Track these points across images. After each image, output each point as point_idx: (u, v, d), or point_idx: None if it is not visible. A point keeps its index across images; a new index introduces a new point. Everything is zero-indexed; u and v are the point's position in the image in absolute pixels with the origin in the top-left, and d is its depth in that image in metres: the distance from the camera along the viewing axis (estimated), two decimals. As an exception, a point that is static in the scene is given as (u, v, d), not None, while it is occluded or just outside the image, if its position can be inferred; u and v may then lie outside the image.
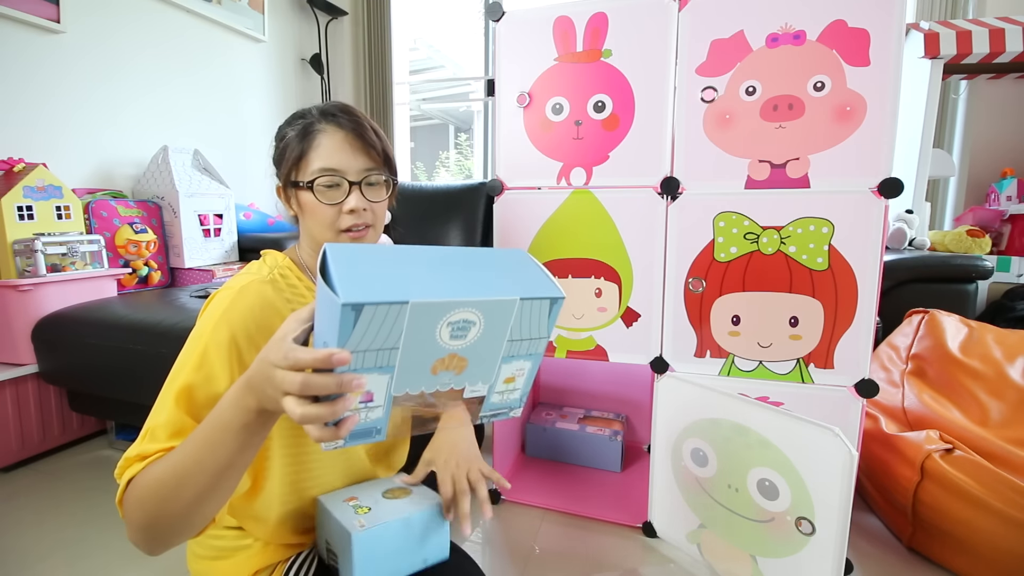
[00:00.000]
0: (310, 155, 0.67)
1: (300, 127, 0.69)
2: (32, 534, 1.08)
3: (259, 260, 0.70)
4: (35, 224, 1.42)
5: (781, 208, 0.89)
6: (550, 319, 0.48)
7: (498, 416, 0.52)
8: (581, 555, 1.02)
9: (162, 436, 0.53)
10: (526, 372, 0.50)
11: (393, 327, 0.41)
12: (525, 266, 0.52)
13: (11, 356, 1.36)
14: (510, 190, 1.08)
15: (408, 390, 0.45)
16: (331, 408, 0.40)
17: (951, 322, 1.26)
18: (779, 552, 0.82)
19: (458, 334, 0.45)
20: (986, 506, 0.86)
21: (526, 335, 0.48)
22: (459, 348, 0.45)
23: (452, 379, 0.47)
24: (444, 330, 0.44)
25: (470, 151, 6.82)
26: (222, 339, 0.57)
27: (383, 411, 0.45)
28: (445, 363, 0.46)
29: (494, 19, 1.03)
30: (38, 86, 1.62)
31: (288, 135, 0.70)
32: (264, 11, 2.45)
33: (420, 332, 0.43)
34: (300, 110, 0.72)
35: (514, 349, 0.48)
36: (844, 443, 0.71)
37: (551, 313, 0.48)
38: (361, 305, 0.39)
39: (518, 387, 0.51)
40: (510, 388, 0.51)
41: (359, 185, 0.67)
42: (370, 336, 0.41)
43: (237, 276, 0.66)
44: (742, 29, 0.88)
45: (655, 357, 1.01)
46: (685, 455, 0.97)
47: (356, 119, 0.69)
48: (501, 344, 0.47)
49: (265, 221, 2.27)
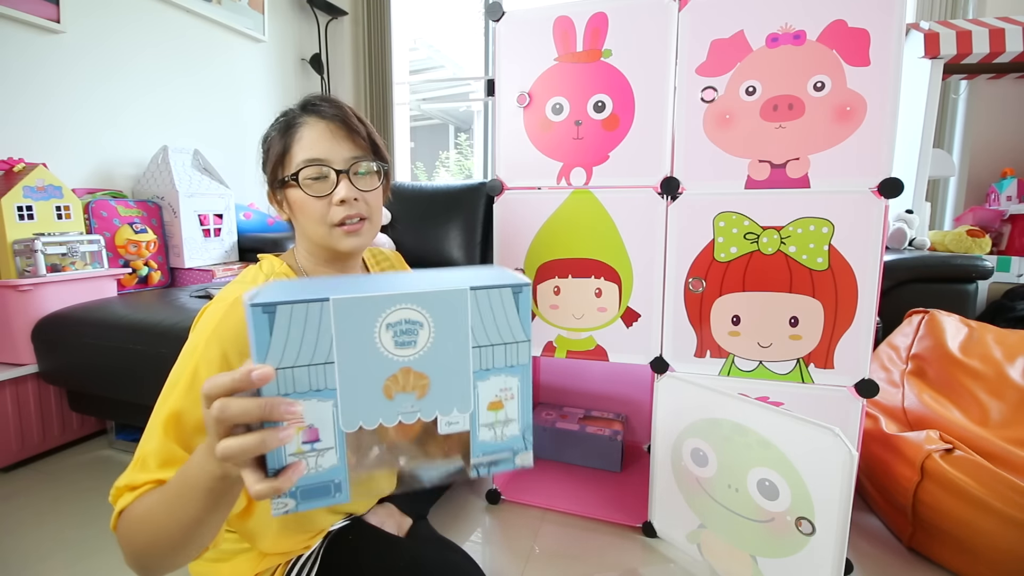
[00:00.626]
0: (293, 149, 0.64)
1: (281, 124, 0.67)
2: (32, 534, 1.08)
3: (256, 266, 0.69)
4: (35, 224, 1.42)
5: (781, 208, 0.89)
6: (520, 314, 0.39)
7: (500, 464, 0.41)
8: (581, 555, 1.02)
9: (152, 465, 0.51)
10: (516, 393, 0.40)
11: (319, 334, 0.35)
12: (491, 269, 0.44)
13: (11, 356, 1.36)
14: (510, 190, 1.08)
15: (362, 423, 0.37)
16: (258, 437, 0.34)
17: (951, 322, 1.26)
18: (779, 552, 0.82)
19: (404, 339, 0.37)
20: (986, 506, 0.86)
21: (496, 339, 0.39)
22: (411, 360, 0.38)
23: (415, 405, 0.38)
24: (384, 335, 0.37)
25: (470, 151, 6.82)
26: (213, 357, 0.54)
27: (336, 456, 0.37)
28: (400, 382, 0.38)
29: (494, 19, 1.03)
30: (38, 86, 1.62)
31: (271, 135, 0.68)
32: (264, 11, 2.45)
33: (355, 339, 0.36)
34: (283, 110, 0.69)
35: (486, 360, 0.39)
36: (844, 443, 0.71)
37: (519, 305, 0.39)
38: (273, 305, 0.34)
39: (512, 416, 0.41)
40: (501, 419, 0.40)
41: (347, 173, 0.64)
42: (293, 347, 0.35)
43: (230, 286, 0.64)
44: (742, 29, 0.88)
45: (655, 357, 1.01)
46: (685, 455, 0.97)
47: (337, 106, 0.66)
48: (465, 352, 0.39)
49: (265, 221, 2.27)
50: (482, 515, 1.15)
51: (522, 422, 0.41)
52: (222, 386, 0.35)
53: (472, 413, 0.40)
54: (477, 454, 0.41)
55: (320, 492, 0.38)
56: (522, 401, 0.41)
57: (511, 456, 0.41)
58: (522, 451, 0.42)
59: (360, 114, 0.69)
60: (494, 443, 0.41)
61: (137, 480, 0.50)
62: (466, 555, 0.80)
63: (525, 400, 0.41)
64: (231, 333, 0.55)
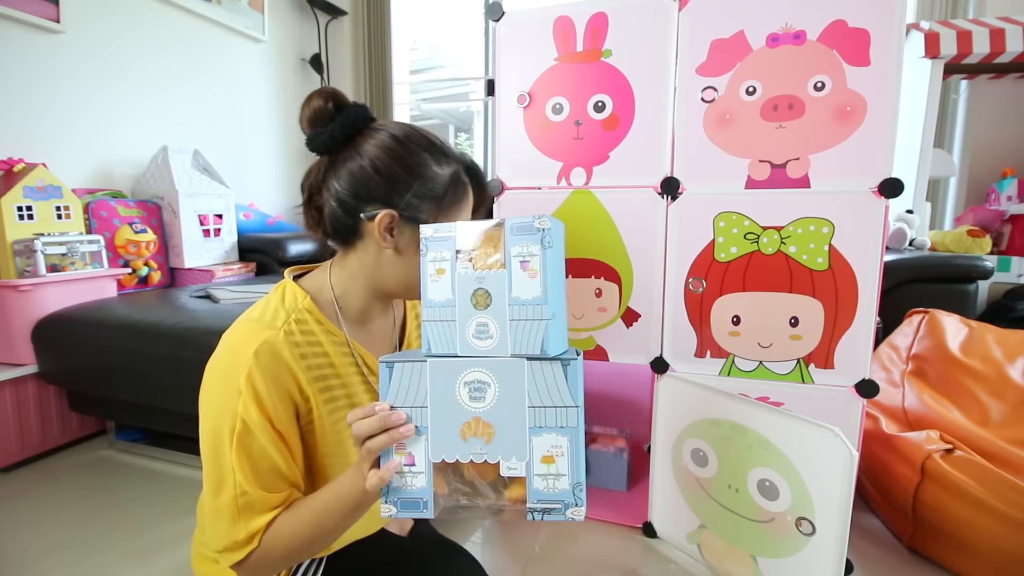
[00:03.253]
0: (453, 211, 0.63)
1: (451, 174, 0.62)
2: (32, 534, 1.08)
3: (277, 297, 0.62)
4: (35, 224, 1.42)
5: (781, 208, 0.89)
6: (568, 383, 0.47)
7: (552, 512, 0.48)
8: (581, 555, 1.02)
9: (259, 507, 0.54)
10: (565, 451, 0.47)
11: (420, 384, 0.49)
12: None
13: (11, 356, 1.36)
14: (510, 190, 1.08)
15: (444, 456, 0.48)
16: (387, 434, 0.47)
17: (951, 322, 1.26)
18: (779, 552, 0.82)
19: (476, 395, 0.48)
20: (986, 506, 0.86)
21: (547, 402, 0.47)
22: (481, 411, 0.48)
23: (483, 448, 0.48)
24: (462, 390, 0.48)
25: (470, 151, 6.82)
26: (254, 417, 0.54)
27: (426, 479, 0.49)
28: (472, 427, 0.48)
29: (494, 19, 1.03)
30: (38, 86, 1.62)
31: (430, 167, 0.61)
32: (264, 11, 2.45)
33: (442, 391, 0.48)
34: (436, 141, 0.63)
35: (539, 419, 0.47)
36: (844, 443, 0.71)
37: (568, 377, 0.47)
38: (392, 362, 0.49)
39: (563, 472, 0.47)
40: (553, 472, 0.47)
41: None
42: (403, 392, 0.49)
43: (246, 324, 0.59)
44: (742, 29, 0.88)
45: (655, 357, 1.01)
46: (685, 455, 0.97)
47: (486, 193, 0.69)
48: (522, 410, 0.47)
49: (265, 221, 2.27)
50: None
51: (572, 479, 0.47)
52: (356, 414, 0.49)
53: (528, 463, 0.48)
54: (532, 500, 0.48)
55: (413, 505, 0.49)
56: (572, 459, 0.47)
57: (562, 508, 0.48)
58: (573, 506, 0.48)
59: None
60: (547, 492, 0.48)
61: (255, 526, 0.54)
62: (469, 555, 0.80)
63: (575, 459, 0.47)
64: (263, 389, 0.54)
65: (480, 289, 0.49)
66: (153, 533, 1.07)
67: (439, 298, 0.50)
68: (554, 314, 0.48)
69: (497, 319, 0.48)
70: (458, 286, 0.49)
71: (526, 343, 0.47)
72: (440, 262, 0.50)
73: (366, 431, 0.47)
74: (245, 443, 0.53)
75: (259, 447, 0.54)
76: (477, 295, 0.49)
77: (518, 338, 0.48)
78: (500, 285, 0.48)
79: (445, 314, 0.49)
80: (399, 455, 0.49)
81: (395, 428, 0.47)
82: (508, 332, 0.48)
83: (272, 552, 0.54)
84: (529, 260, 0.47)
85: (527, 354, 0.47)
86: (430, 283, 0.50)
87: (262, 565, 0.54)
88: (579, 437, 0.47)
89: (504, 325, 0.48)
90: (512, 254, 0.48)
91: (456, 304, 0.49)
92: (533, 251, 0.47)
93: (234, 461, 0.53)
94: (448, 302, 0.49)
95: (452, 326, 0.49)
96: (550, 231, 0.47)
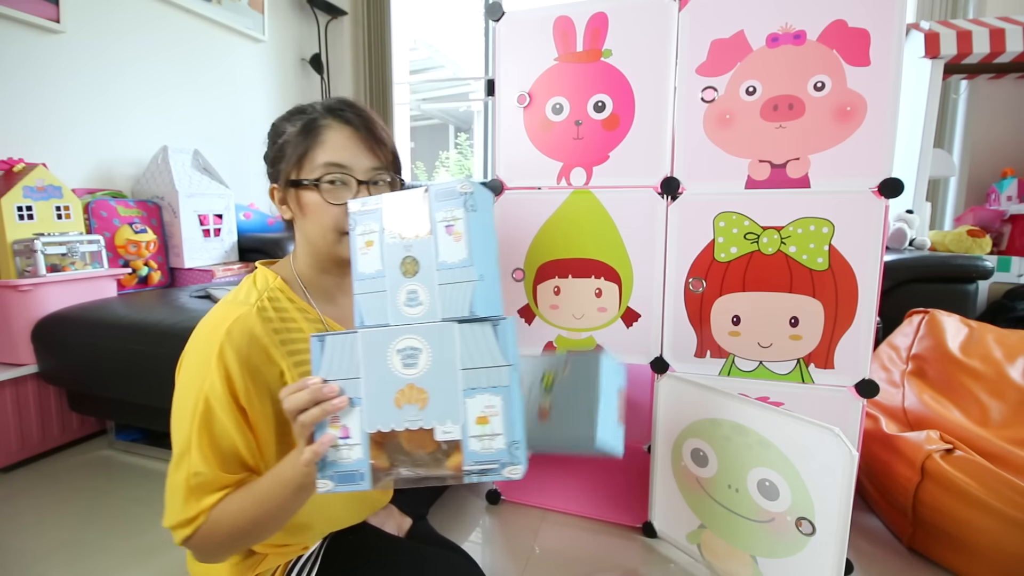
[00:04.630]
0: (314, 151, 0.63)
1: (302, 122, 0.64)
2: (32, 534, 1.08)
3: (250, 279, 0.66)
4: (35, 224, 1.42)
5: (781, 208, 0.89)
6: (499, 343, 0.47)
7: (489, 472, 0.47)
8: (581, 555, 1.02)
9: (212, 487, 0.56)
10: (500, 411, 0.47)
11: (352, 356, 0.49)
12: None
13: (11, 356, 1.36)
14: (510, 190, 1.08)
15: (379, 426, 0.48)
16: (319, 407, 0.48)
17: (951, 322, 1.26)
18: (779, 552, 0.82)
19: (409, 362, 0.48)
20: (986, 506, 0.86)
21: (479, 363, 0.47)
22: (415, 378, 0.48)
23: (417, 414, 0.48)
24: (395, 358, 0.48)
25: (470, 151, 6.82)
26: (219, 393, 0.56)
27: (362, 451, 0.48)
28: (406, 395, 0.48)
29: (494, 19, 1.03)
30: (38, 86, 1.62)
31: (287, 131, 0.65)
32: (264, 11, 2.45)
33: (374, 360, 0.48)
34: (300, 105, 0.67)
35: (472, 381, 0.47)
36: (844, 443, 0.71)
37: (498, 337, 0.47)
38: (324, 336, 0.49)
39: (498, 431, 0.47)
40: (488, 432, 0.47)
41: (367, 185, 0.64)
42: (335, 364, 0.49)
43: (222, 307, 0.62)
44: (742, 29, 0.88)
45: (655, 357, 1.01)
46: (685, 455, 0.97)
47: (365, 115, 0.65)
48: (455, 374, 0.47)
49: (265, 221, 2.27)
50: (482, 515, 1.15)
51: (508, 438, 0.47)
52: (287, 389, 0.49)
53: (463, 425, 0.47)
54: (468, 462, 0.47)
55: (349, 478, 0.49)
56: (507, 418, 0.47)
57: (499, 467, 0.47)
58: (510, 464, 0.47)
59: (383, 124, 0.68)
60: (483, 453, 0.47)
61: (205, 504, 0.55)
62: (466, 555, 0.80)
63: (510, 418, 0.47)
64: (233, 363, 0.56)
65: (408, 257, 0.49)
66: (153, 533, 1.07)
67: (369, 270, 0.50)
68: (482, 276, 0.48)
69: (426, 285, 0.48)
70: (387, 256, 0.49)
71: (455, 306, 0.48)
72: (368, 235, 0.50)
73: (298, 405, 0.47)
74: (207, 420, 0.55)
75: (220, 426, 0.56)
76: (406, 263, 0.49)
77: (447, 302, 0.48)
78: (427, 251, 0.48)
79: (376, 285, 0.50)
80: (333, 428, 0.49)
81: (327, 401, 0.47)
82: (438, 297, 0.48)
83: (218, 529, 0.54)
84: (453, 224, 0.48)
85: (457, 317, 0.47)
86: (359, 256, 0.50)
87: (208, 543, 0.55)
88: (513, 396, 0.47)
89: (433, 290, 0.48)
90: (437, 219, 0.48)
91: (386, 274, 0.49)
92: (457, 215, 0.47)
93: (194, 438, 0.55)
94: (378, 273, 0.49)
95: (383, 296, 0.49)
96: (473, 195, 0.47)
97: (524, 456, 0.48)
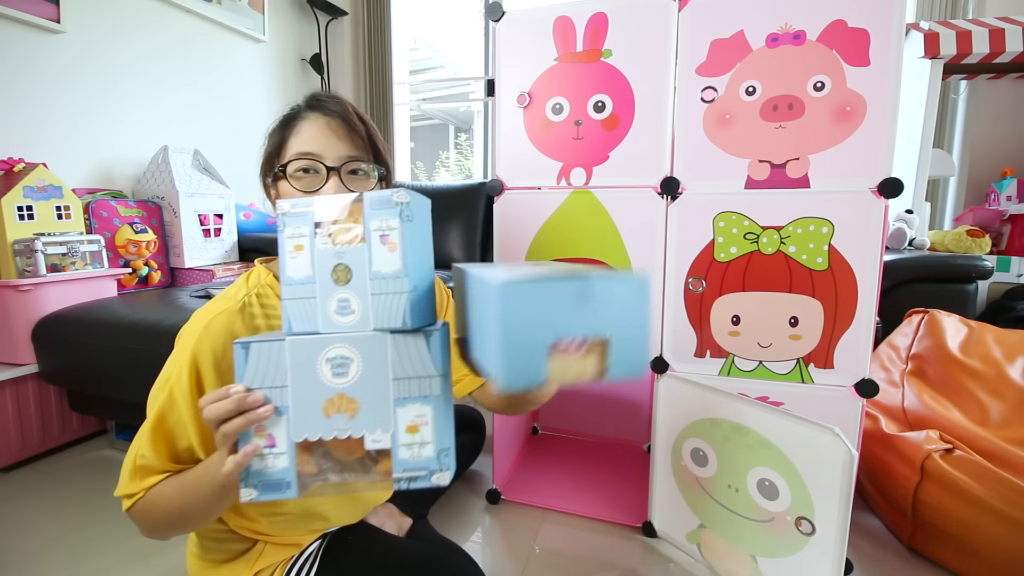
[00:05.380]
0: (289, 141, 0.64)
1: (284, 116, 0.67)
2: (32, 534, 1.08)
3: (244, 275, 0.68)
4: (35, 224, 1.42)
5: (781, 208, 0.89)
6: (431, 354, 0.47)
7: (418, 480, 0.48)
8: (581, 555, 1.02)
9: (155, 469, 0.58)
10: (430, 420, 0.48)
11: (279, 364, 0.47)
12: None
13: (11, 356, 1.36)
14: (510, 190, 1.08)
15: (307, 435, 0.47)
16: (243, 417, 0.46)
17: (951, 322, 1.26)
18: (779, 552, 0.82)
19: (339, 371, 0.47)
20: (986, 506, 0.86)
21: (411, 373, 0.47)
22: (344, 387, 0.47)
23: (346, 423, 0.47)
24: (324, 367, 0.47)
25: (470, 151, 6.82)
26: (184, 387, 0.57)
27: (288, 460, 0.47)
28: (335, 404, 0.47)
29: (494, 19, 1.03)
30: (38, 86, 1.63)
31: (272, 127, 0.68)
32: (264, 11, 2.45)
33: (303, 368, 0.47)
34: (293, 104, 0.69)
35: (403, 390, 0.47)
36: (844, 443, 0.72)
37: (430, 347, 0.47)
38: (248, 343, 0.47)
39: (427, 440, 0.48)
40: (418, 441, 0.48)
41: (338, 172, 0.63)
42: (260, 372, 0.47)
43: (211, 302, 0.64)
44: (742, 29, 0.88)
45: (655, 357, 1.01)
46: (685, 455, 0.97)
47: (340, 103, 0.65)
48: (386, 383, 0.47)
49: (265, 221, 2.27)
50: (482, 515, 1.15)
51: (437, 446, 0.48)
52: (208, 397, 0.47)
53: (393, 433, 0.47)
54: (398, 470, 0.48)
55: (275, 487, 0.48)
56: (437, 427, 0.48)
57: (428, 474, 0.48)
58: (438, 471, 0.48)
59: (364, 114, 0.67)
60: (412, 461, 0.48)
61: (144, 484, 0.57)
62: (466, 555, 0.80)
63: (440, 426, 0.48)
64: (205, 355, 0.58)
65: (340, 264, 0.47)
66: (153, 533, 1.07)
67: (298, 275, 0.48)
68: (415, 287, 0.47)
69: (358, 294, 0.47)
70: (318, 262, 0.48)
71: (388, 317, 0.47)
72: (298, 238, 0.48)
73: (219, 415, 0.46)
74: (166, 411, 0.57)
75: (178, 418, 0.57)
76: (337, 270, 0.47)
77: (380, 312, 0.47)
78: (360, 260, 0.47)
79: (305, 291, 0.48)
80: (258, 437, 0.47)
81: (252, 410, 0.46)
82: (370, 307, 0.47)
83: (153, 508, 0.57)
84: (388, 234, 0.46)
85: (389, 328, 0.47)
86: (288, 260, 0.48)
87: (145, 520, 0.58)
88: (444, 405, 0.48)
89: (366, 300, 0.47)
90: (372, 228, 0.47)
91: (316, 280, 0.48)
92: (392, 224, 0.46)
93: (150, 423, 0.58)
94: (308, 279, 0.48)
95: (313, 303, 0.48)
96: (409, 204, 0.46)
97: (453, 463, 0.48)
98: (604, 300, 0.43)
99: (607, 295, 0.43)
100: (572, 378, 0.43)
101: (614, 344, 0.43)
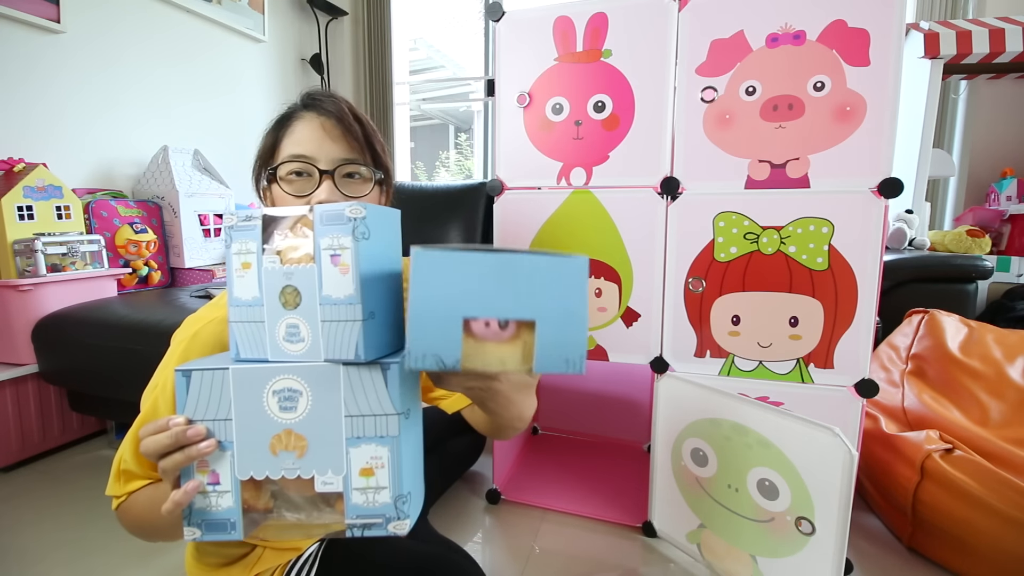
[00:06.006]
0: (283, 143, 0.61)
1: (279, 116, 0.64)
2: (32, 534, 1.08)
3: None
4: (35, 224, 1.42)
5: (781, 208, 0.89)
6: (388, 389, 0.42)
7: (373, 528, 0.43)
8: (581, 555, 1.02)
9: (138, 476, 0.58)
10: (386, 463, 0.43)
11: (222, 394, 0.43)
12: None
13: (11, 356, 1.36)
14: (510, 190, 1.08)
15: (252, 473, 0.43)
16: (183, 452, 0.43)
17: (951, 322, 1.26)
18: (779, 552, 0.82)
19: (287, 405, 0.43)
20: (986, 506, 0.86)
21: (365, 410, 0.42)
22: (292, 423, 0.43)
23: (295, 463, 0.43)
24: (271, 400, 0.43)
25: (470, 151, 6.82)
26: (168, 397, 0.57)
27: (232, 499, 0.44)
28: (282, 441, 0.43)
29: (494, 19, 1.03)
30: (38, 86, 1.62)
31: (268, 127, 0.65)
32: (264, 11, 2.45)
33: (248, 401, 0.43)
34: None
35: (357, 429, 0.43)
36: (844, 443, 0.72)
37: (388, 382, 0.42)
38: (190, 370, 0.43)
39: (383, 485, 0.43)
40: (372, 485, 0.43)
41: (331, 175, 0.59)
42: (203, 403, 0.43)
43: (204, 308, 0.63)
44: (742, 29, 0.88)
45: (655, 357, 1.01)
46: (685, 455, 0.97)
47: (336, 103, 0.62)
48: (338, 420, 0.43)
49: (265, 221, 2.27)
50: (482, 515, 1.15)
51: (394, 491, 0.43)
52: (146, 430, 0.44)
53: (345, 476, 0.43)
54: (351, 515, 0.43)
55: (219, 527, 0.44)
56: (393, 471, 0.43)
57: (383, 523, 0.43)
58: (395, 519, 0.43)
59: (362, 114, 0.64)
60: (367, 507, 0.43)
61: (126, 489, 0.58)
62: (466, 555, 0.80)
63: (398, 471, 0.43)
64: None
65: (289, 286, 0.42)
66: (153, 533, 1.07)
67: (246, 296, 0.44)
68: (372, 314, 0.42)
69: (308, 320, 0.42)
70: (265, 282, 0.43)
71: (339, 347, 0.42)
72: (245, 255, 0.43)
73: (157, 449, 0.42)
74: (147, 418, 0.57)
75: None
76: (286, 293, 0.43)
77: (331, 341, 0.42)
78: (310, 282, 0.42)
79: (253, 314, 0.44)
80: (201, 473, 0.43)
81: (192, 445, 0.42)
82: (320, 334, 0.42)
83: (129, 512, 0.57)
84: (340, 254, 0.41)
85: (341, 359, 0.42)
86: (236, 279, 0.44)
87: (126, 521, 0.58)
88: (402, 446, 0.43)
89: (316, 327, 0.42)
90: (322, 247, 0.41)
91: (264, 303, 0.43)
92: (344, 243, 0.41)
93: (133, 430, 0.57)
94: (255, 300, 0.43)
95: (261, 327, 0.43)
96: (365, 220, 0.41)
97: (413, 510, 0.44)
98: (530, 280, 0.38)
99: (533, 274, 0.38)
100: (493, 366, 0.39)
101: (541, 331, 0.38)
